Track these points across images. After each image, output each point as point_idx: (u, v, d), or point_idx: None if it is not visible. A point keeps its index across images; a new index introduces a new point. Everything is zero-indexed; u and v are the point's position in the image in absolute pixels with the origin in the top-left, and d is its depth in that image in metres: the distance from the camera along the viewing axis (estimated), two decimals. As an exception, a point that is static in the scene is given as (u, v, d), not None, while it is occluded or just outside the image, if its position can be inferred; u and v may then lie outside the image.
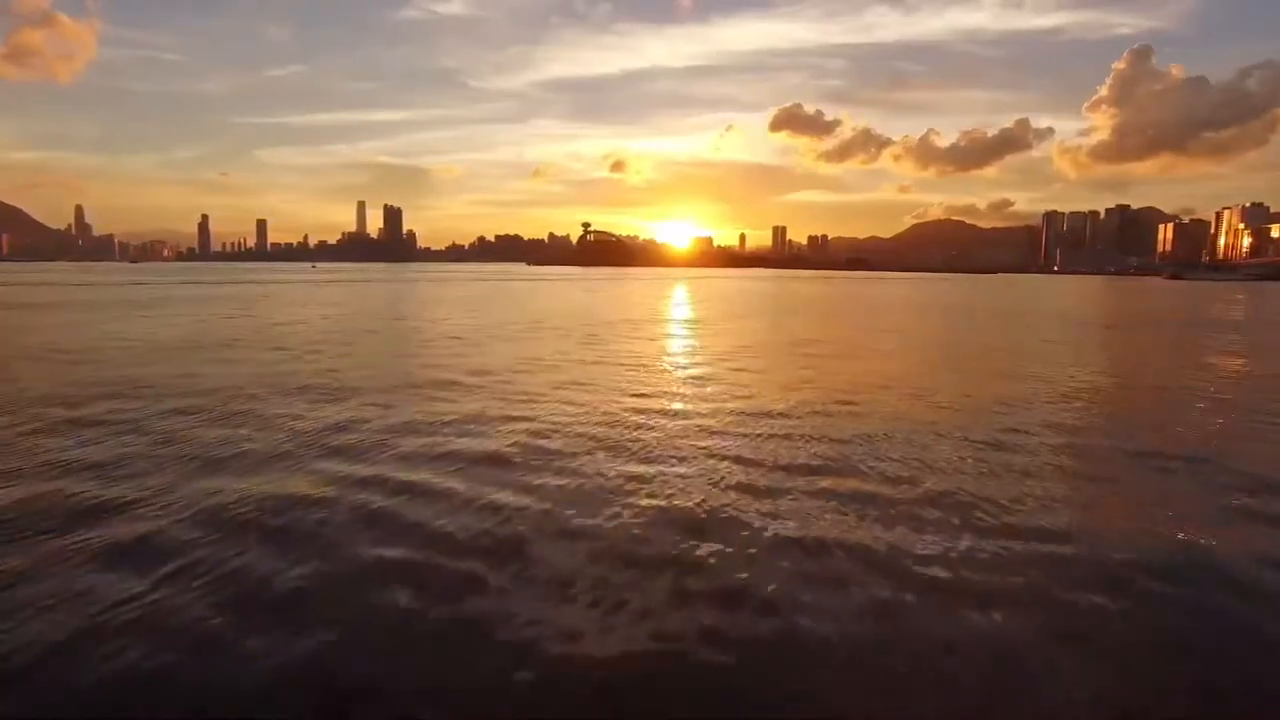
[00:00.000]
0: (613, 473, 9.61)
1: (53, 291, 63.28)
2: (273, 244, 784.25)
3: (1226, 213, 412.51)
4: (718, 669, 5.03)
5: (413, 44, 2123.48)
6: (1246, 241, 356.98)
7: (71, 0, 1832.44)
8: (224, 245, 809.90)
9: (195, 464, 9.81)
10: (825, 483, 9.21)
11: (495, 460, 10.12)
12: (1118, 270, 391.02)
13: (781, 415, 13.27)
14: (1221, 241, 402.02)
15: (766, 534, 7.46)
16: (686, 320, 37.48)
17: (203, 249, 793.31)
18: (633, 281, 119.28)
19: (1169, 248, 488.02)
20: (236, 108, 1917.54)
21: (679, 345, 25.79)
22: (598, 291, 76.66)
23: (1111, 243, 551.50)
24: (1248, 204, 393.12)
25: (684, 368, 19.88)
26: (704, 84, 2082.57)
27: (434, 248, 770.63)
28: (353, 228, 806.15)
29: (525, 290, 77.14)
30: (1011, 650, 5.31)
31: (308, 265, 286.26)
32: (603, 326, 31.78)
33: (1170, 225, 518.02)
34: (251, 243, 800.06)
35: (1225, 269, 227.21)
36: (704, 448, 10.96)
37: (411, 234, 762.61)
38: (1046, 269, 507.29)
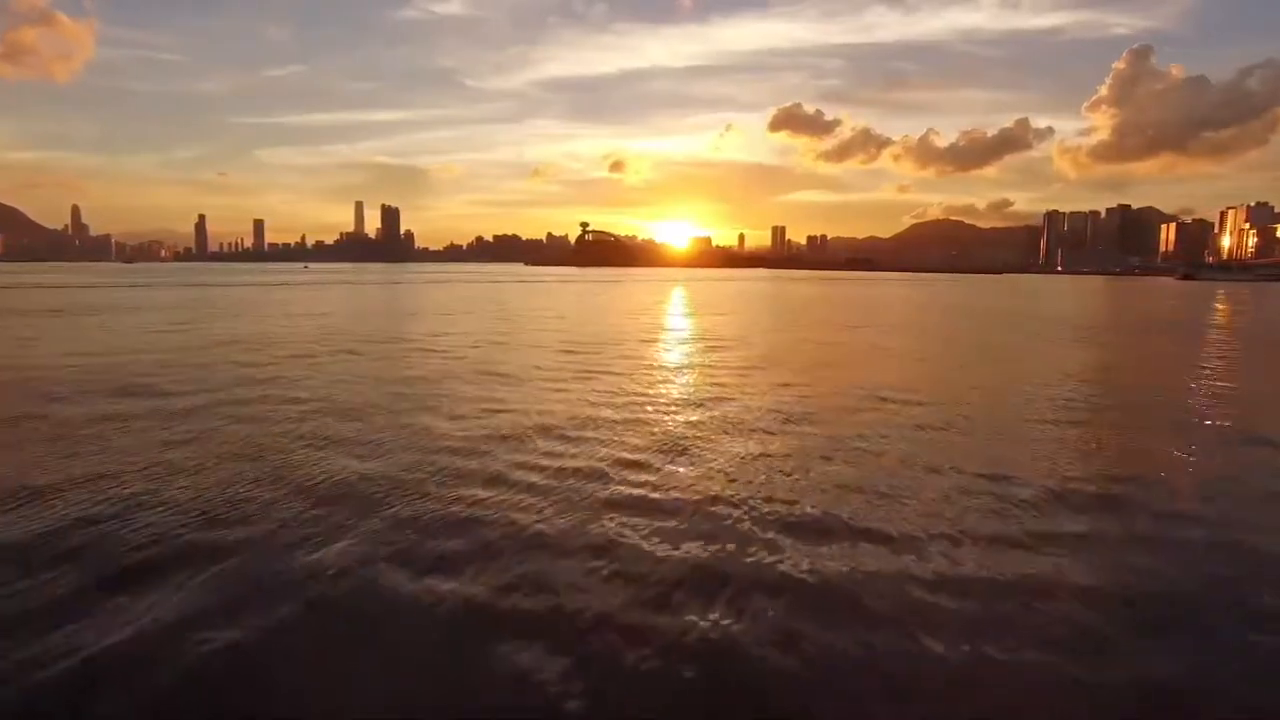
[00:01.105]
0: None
1: None
2: (270, 244, 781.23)
3: (1231, 212, 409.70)
4: None
5: (411, 44, 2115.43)
6: (1252, 241, 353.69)
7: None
8: (221, 245, 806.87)
9: None
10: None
11: None
12: (1122, 270, 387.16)
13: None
14: (1226, 241, 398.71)
15: None
16: (704, 339, 30.63)
17: (200, 249, 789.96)
18: (632, 283, 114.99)
19: (1171, 248, 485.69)
20: (235, 108, 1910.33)
21: (712, 388, 17.80)
22: (596, 296, 72.23)
23: (1113, 243, 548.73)
24: (1253, 203, 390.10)
25: (742, 435, 12.76)
26: (703, 84, 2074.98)
27: (432, 248, 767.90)
28: (351, 228, 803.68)
29: (518, 294, 72.74)
30: None
31: (300, 266, 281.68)
32: (606, 349, 25.66)
33: (1173, 225, 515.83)
34: (249, 243, 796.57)
35: (1238, 269, 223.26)
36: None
37: (409, 234, 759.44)
38: (1049, 269, 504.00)
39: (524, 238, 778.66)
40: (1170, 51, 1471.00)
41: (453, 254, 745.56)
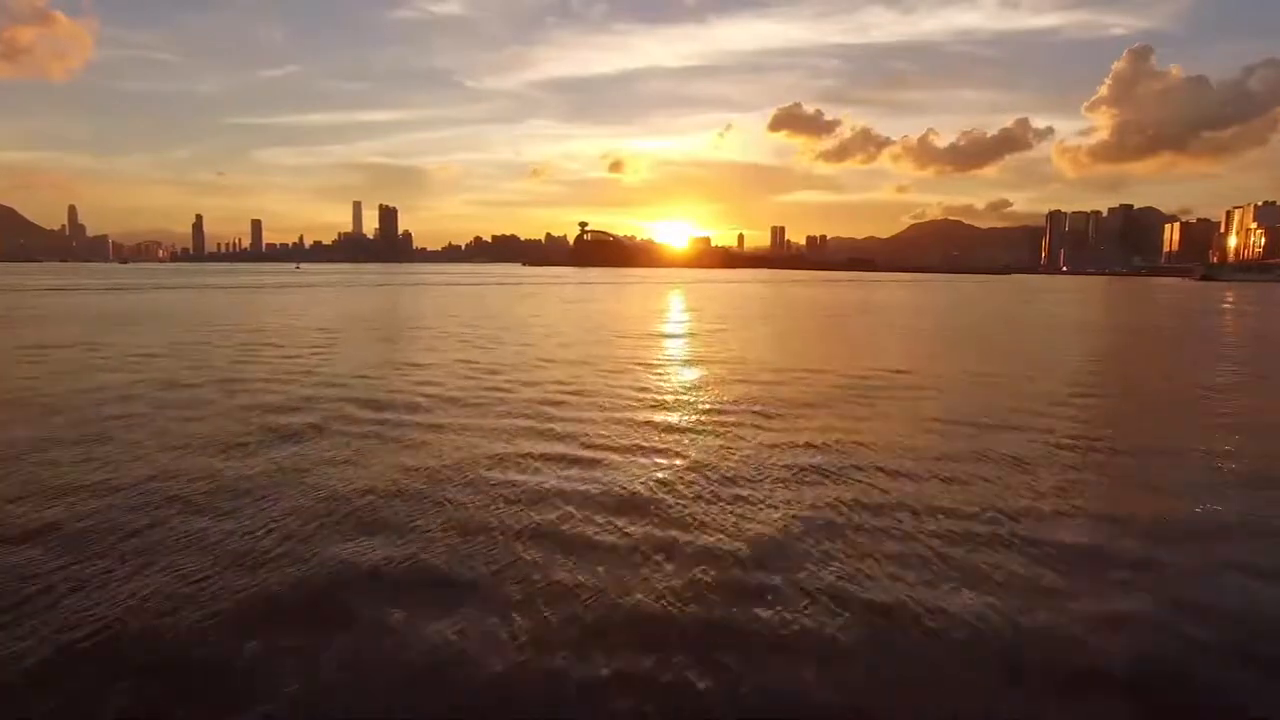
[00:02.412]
0: None
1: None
2: (268, 244, 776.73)
3: (1237, 212, 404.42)
4: None
5: (408, 44, 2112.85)
6: (1261, 241, 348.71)
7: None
8: (219, 246, 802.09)
9: None
10: None
11: None
12: (1128, 271, 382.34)
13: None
14: (1233, 241, 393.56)
15: None
16: (747, 385, 19.56)
17: (197, 250, 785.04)
18: (631, 285, 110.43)
19: (1175, 248, 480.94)
20: (232, 108, 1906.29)
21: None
22: (592, 301, 67.42)
23: (1115, 243, 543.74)
24: (1260, 203, 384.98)
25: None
26: (701, 84, 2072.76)
27: (430, 248, 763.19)
28: (349, 228, 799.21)
29: (504, 300, 68.10)
30: None
31: (291, 266, 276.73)
32: (592, 404, 16.53)
33: (1177, 225, 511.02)
34: (247, 243, 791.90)
35: (1257, 269, 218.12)
36: None
37: (407, 234, 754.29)
38: (1052, 269, 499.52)
39: (522, 238, 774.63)
40: (1166, 52, 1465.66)
41: (451, 254, 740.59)
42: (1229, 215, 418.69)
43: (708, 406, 16.41)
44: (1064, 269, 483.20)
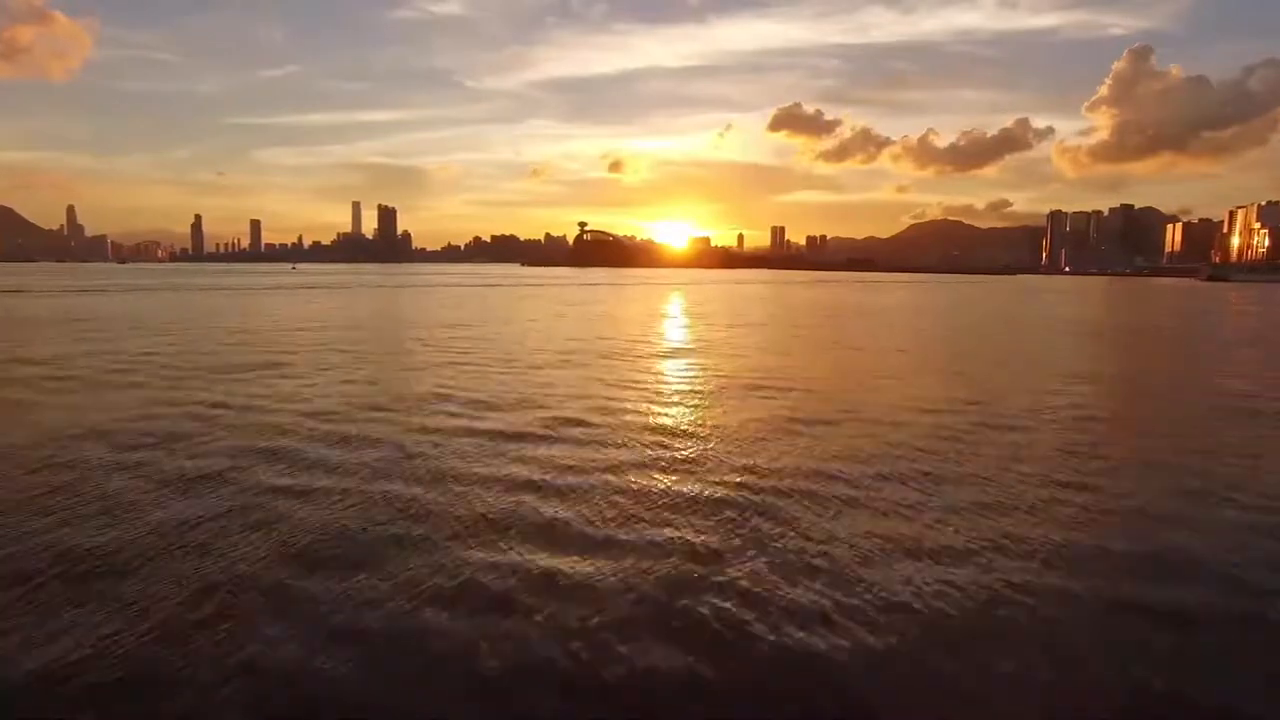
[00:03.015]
0: None
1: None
2: (268, 244, 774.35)
3: (1241, 212, 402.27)
4: None
5: (408, 44, 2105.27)
6: (1266, 242, 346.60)
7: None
8: (219, 246, 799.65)
9: None
10: None
11: None
12: (1131, 271, 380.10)
13: None
14: (1236, 241, 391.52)
15: None
16: (792, 431, 15.05)
17: (196, 250, 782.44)
18: (632, 286, 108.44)
19: (1177, 248, 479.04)
20: (231, 108, 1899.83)
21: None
22: (594, 304, 65.41)
23: (1116, 243, 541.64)
24: (1264, 203, 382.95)
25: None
26: (701, 84, 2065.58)
27: (429, 248, 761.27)
28: (348, 228, 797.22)
29: (502, 303, 66.14)
30: None
31: (287, 267, 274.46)
32: (599, 455, 16.03)
33: (1179, 225, 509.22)
34: (246, 243, 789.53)
35: (1266, 269, 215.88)
36: None
37: (407, 234, 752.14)
38: (1053, 269, 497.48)
39: (522, 238, 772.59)
40: (1166, 52, 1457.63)
41: (450, 254, 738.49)
42: (1232, 215, 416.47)
43: (745, 462, 12.88)
44: (1066, 269, 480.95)
